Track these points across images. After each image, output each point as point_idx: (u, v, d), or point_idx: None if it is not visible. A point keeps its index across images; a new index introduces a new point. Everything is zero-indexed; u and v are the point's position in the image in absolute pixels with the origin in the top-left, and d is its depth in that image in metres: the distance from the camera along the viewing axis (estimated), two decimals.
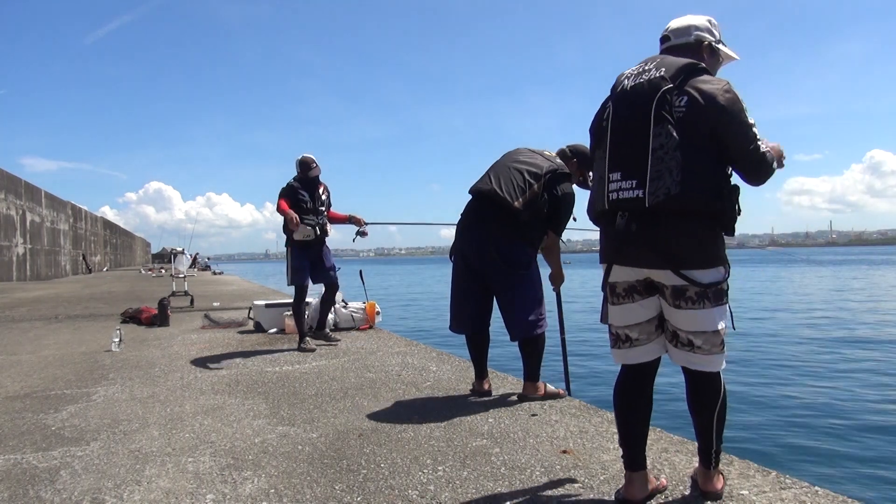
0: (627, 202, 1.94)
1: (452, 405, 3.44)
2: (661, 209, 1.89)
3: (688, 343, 1.99)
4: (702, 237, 1.93)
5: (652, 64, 2.03)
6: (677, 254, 1.91)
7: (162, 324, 7.54)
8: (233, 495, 2.22)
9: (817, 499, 2.10)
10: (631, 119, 1.97)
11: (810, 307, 18.70)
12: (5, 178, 20.29)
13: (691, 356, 2.01)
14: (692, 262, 1.92)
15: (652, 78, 1.97)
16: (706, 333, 1.97)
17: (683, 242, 1.91)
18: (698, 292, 1.93)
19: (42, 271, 23.60)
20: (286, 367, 4.70)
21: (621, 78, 2.08)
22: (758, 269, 51.35)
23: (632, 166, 1.94)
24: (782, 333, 12.81)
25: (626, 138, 1.98)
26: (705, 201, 1.89)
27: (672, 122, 1.90)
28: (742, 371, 8.83)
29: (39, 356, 5.46)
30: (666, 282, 1.97)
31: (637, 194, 1.91)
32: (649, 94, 1.94)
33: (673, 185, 1.87)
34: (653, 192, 1.88)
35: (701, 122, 1.90)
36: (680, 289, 1.94)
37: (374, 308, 6.95)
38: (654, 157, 1.90)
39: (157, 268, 33.26)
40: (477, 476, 2.36)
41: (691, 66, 1.98)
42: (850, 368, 9.07)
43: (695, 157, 1.88)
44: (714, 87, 1.93)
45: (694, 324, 1.97)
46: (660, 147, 1.89)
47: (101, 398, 3.79)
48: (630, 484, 2.07)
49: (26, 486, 2.36)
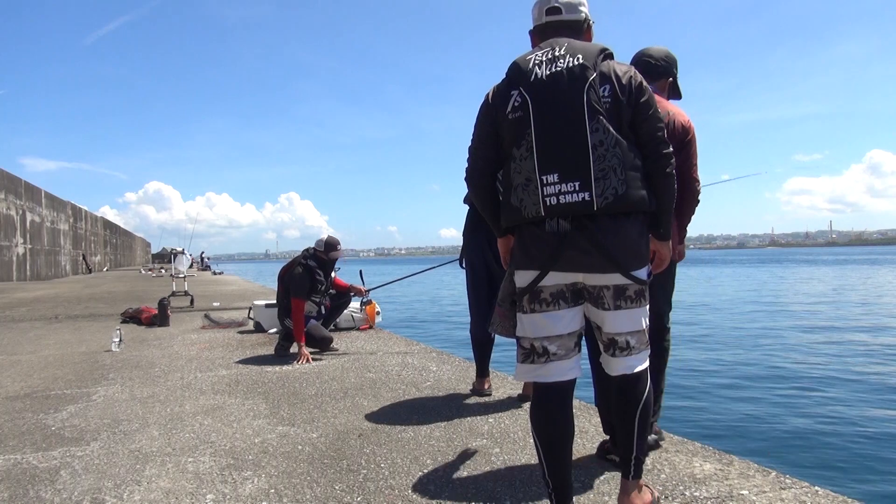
0: (571, 206, 1.75)
1: (452, 405, 3.45)
2: (608, 211, 1.75)
3: (626, 346, 1.88)
4: (640, 236, 1.84)
5: (561, 49, 1.85)
6: (623, 255, 1.78)
7: (162, 324, 7.54)
8: (233, 495, 2.22)
9: (817, 499, 2.10)
10: (559, 112, 1.78)
11: (812, 307, 18.70)
12: (5, 178, 20.29)
13: (629, 360, 1.89)
14: (635, 262, 1.82)
15: (572, 66, 1.80)
16: (639, 332, 1.89)
17: (628, 243, 1.79)
18: (637, 290, 1.84)
19: (42, 271, 23.60)
20: (286, 367, 4.70)
21: (526, 64, 1.86)
22: (757, 269, 51.38)
23: (570, 166, 1.75)
24: (783, 334, 12.81)
25: (557, 134, 1.78)
26: (647, 200, 1.80)
27: (603, 115, 1.76)
28: (742, 371, 8.83)
29: (39, 356, 5.47)
30: (608, 283, 1.82)
31: (583, 197, 1.73)
32: (576, 84, 1.78)
33: (619, 185, 1.74)
34: (600, 193, 1.73)
35: (624, 111, 1.80)
36: (622, 288, 1.83)
37: (375, 308, 6.95)
38: (596, 154, 1.74)
39: (157, 268, 33.26)
40: (477, 476, 2.36)
41: (602, 49, 1.85)
42: (850, 368, 9.07)
43: (630, 152, 1.78)
44: (630, 73, 1.84)
45: (632, 323, 1.86)
46: (600, 143, 1.74)
47: (101, 398, 3.79)
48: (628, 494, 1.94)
49: (26, 486, 2.36)
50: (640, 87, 1.83)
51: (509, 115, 1.84)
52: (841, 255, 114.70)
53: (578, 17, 1.98)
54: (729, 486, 2.20)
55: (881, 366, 9.22)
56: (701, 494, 2.13)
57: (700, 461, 2.46)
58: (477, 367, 3.75)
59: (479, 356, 3.73)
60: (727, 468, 2.38)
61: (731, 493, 2.14)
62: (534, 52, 1.89)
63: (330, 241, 5.48)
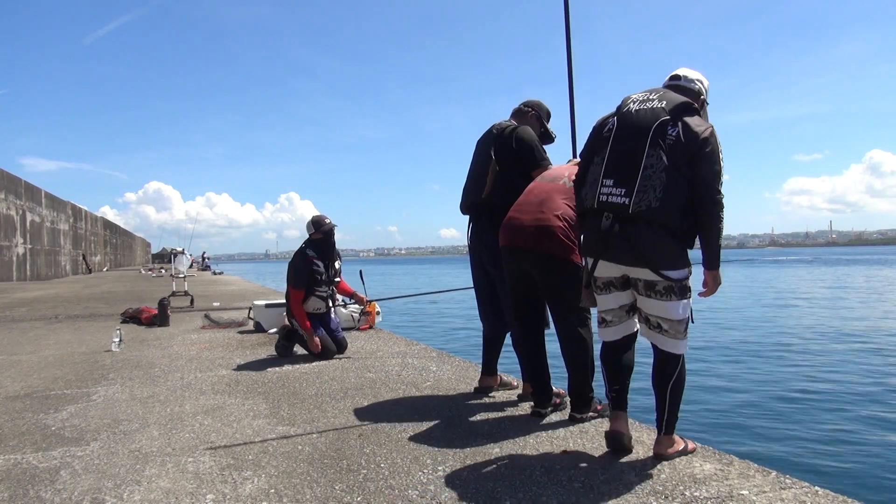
0: (613, 205, 2.36)
1: (452, 405, 3.45)
2: (640, 217, 2.30)
3: (657, 326, 2.45)
4: (670, 244, 2.35)
5: (656, 95, 2.46)
6: (651, 256, 2.33)
7: (162, 324, 7.54)
8: (233, 495, 2.22)
9: (817, 499, 2.10)
10: (630, 138, 2.38)
11: (814, 308, 18.70)
12: (5, 178, 20.29)
13: (658, 336, 2.46)
14: (662, 264, 2.34)
15: (655, 107, 2.39)
16: (671, 321, 2.42)
17: (657, 247, 2.33)
18: (666, 286, 2.37)
19: (42, 271, 23.60)
20: (286, 367, 4.70)
21: (627, 101, 2.50)
22: (760, 269, 51.36)
23: (624, 177, 2.35)
24: (783, 333, 12.81)
25: (623, 153, 2.38)
26: (673, 219, 2.31)
27: (663, 148, 2.31)
28: (742, 371, 8.83)
29: (39, 356, 5.47)
30: (641, 276, 2.40)
31: (624, 201, 2.33)
32: (650, 121, 2.36)
33: (654, 200, 2.28)
34: (637, 202, 2.30)
35: (684, 151, 2.30)
36: (651, 283, 2.39)
37: (375, 308, 6.95)
38: (644, 174, 2.31)
39: (157, 268, 33.26)
40: (477, 476, 2.36)
41: (687, 104, 2.41)
42: (851, 369, 9.07)
43: (674, 181, 2.29)
44: (701, 127, 2.35)
45: (662, 311, 2.41)
46: (650, 167, 2.30)
47: (101, 398, 3.79)
48: (617, 420, 2.55)
49: (26, 486, 2.36)
50: (706, 141, 2.32)
51: (604, 133, 2.50)
52: (843, 255, 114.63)
53: (692, 87, 2.58)
54: (729, 486, 2.20)
55: (882, 365, 9.23)
56: (701, 494, 2.13)
57: (700, 461, 2.46)
58: (483, 364, 3.73)
59: (486, 350, 3.70)
60: (727, 468, 2.38)
61: (731, 493, 2.14)
62: (639, 94, 2.51)
63: (315, 219, 5.28)
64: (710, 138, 2.33)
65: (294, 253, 5.32)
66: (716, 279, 2.46)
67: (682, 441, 2.54)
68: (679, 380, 2.45)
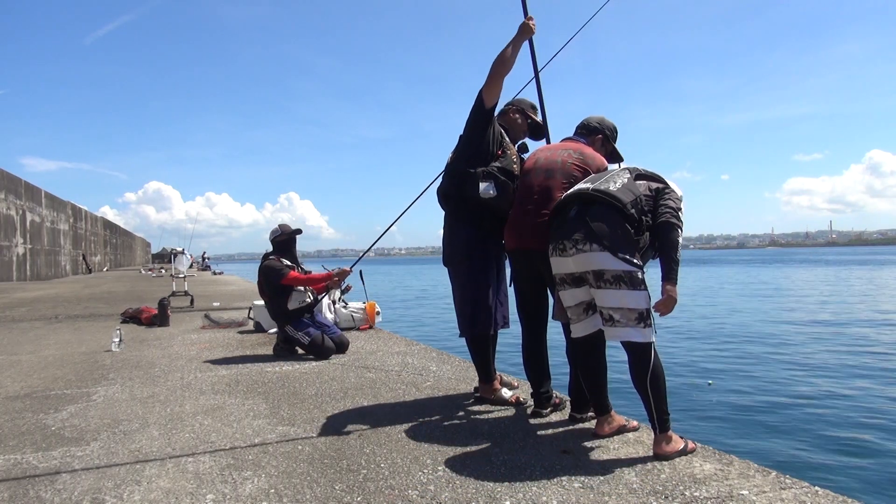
0: (578, 192, 2.71)
1: (452, 405, 3.44)
2: (598, 197, 2.61)
3: (609, 318, 2.55)
4: (625, 230, 2.56)
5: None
6: (604, 234, 2.53)
7: (162, 324, 7.54)
8: (233, 495, 2.22)
9: (817, 499, 2.10)
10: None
11: (814, 308, 18.70)
12: (5, 178, 20.29)
13: (612, 330, 2.55)
14: (613, 245, 2.51)
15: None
16: (622, 310, 2.51)
17: (610, 225, 2.55)
18: (615, 275, 2.51)
19: (42, 271, 23.60)
20: (286, 367, 4.70)
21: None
22: (758, 269, 51.35)
23: (593, 179, 2.83)
24: (783, 333, 12.81)
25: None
26: (629, 207, 2.59)
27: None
28: (742, 371, 8.83)
29: (39, 356, 5.47)
30: (590, 268, 2.56)
31: (587, 186, 2.70)
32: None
33: (613, 187, 2.65)
34: (597, 186, 2.67)
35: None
36: (599, 272, 2.54)
37: (374, 308, 6.95)
38: (609, 173, 2.83)
39: (157, 268, 33.26)
40: (477, 476, 2.35)
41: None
42: (851, 369, 9.07)
43: (634, 183, 2.73)
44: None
45: (613, 301, 2.52)
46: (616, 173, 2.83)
47: (101, 398, 3.79)
48: (600, 425, 2.77)
49: (26, 486, 2.36)
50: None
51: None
52: (844, 254, 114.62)
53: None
54: (729, 486, 2.20)
55: (882, 365, 9.22)
56: (701, 494, 2.13)
57: (700, 461, 2.46)
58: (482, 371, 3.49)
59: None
60: (727, 468, 2.38)
61: (731, 493, 2.14)
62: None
63: (278, 225, 5.51)
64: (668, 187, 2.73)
65: (260, 267, 5.35)
66: (670, 294, 2.52)
67: (682, 441, 2.56)
68: (655, 373, 2.51)
